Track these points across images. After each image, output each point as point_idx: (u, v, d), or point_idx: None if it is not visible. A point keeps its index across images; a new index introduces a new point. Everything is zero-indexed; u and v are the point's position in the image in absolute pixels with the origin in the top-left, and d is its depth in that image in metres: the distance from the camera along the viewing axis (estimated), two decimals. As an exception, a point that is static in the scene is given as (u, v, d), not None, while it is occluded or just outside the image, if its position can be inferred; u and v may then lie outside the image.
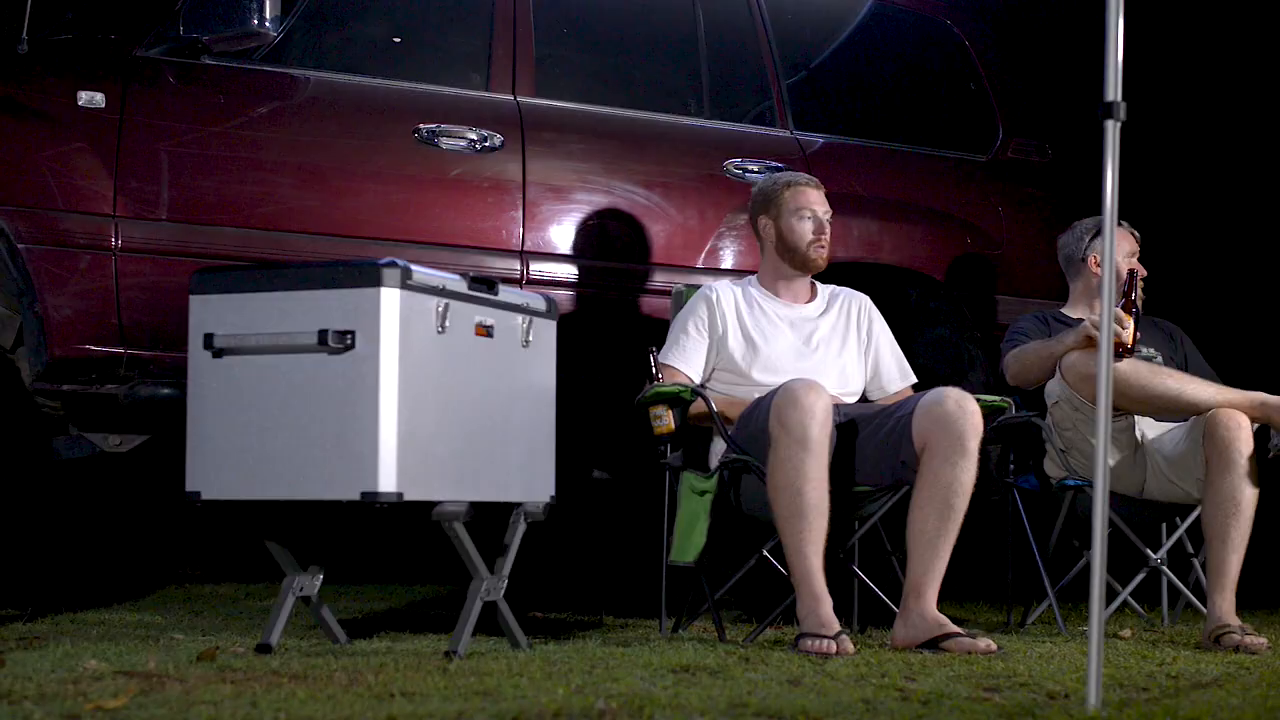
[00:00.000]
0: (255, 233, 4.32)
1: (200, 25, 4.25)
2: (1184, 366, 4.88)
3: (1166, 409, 4.51)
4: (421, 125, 4.56)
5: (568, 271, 4.72)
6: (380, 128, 4.56)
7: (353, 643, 3.86)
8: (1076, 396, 4.47)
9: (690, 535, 4.19)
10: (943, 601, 5.47)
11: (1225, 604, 4.30)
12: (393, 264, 3.36)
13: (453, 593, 5.48)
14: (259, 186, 4.38)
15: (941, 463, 3.99)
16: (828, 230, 4.50)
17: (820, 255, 4.51)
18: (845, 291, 4.61)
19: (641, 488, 4.79)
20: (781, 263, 4.52)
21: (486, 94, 4.73)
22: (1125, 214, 5.01)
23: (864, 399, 4.56)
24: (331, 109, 4.54)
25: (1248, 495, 4.32)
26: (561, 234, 4.71)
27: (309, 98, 4.52)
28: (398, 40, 4.88)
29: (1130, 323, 4.44)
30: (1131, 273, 4.63)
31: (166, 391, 4.19)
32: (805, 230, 4.48)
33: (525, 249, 4.64)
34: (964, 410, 4.00)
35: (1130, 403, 4.46)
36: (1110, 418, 2.95)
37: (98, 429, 4.43)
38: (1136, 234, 4.95)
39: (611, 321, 4.80)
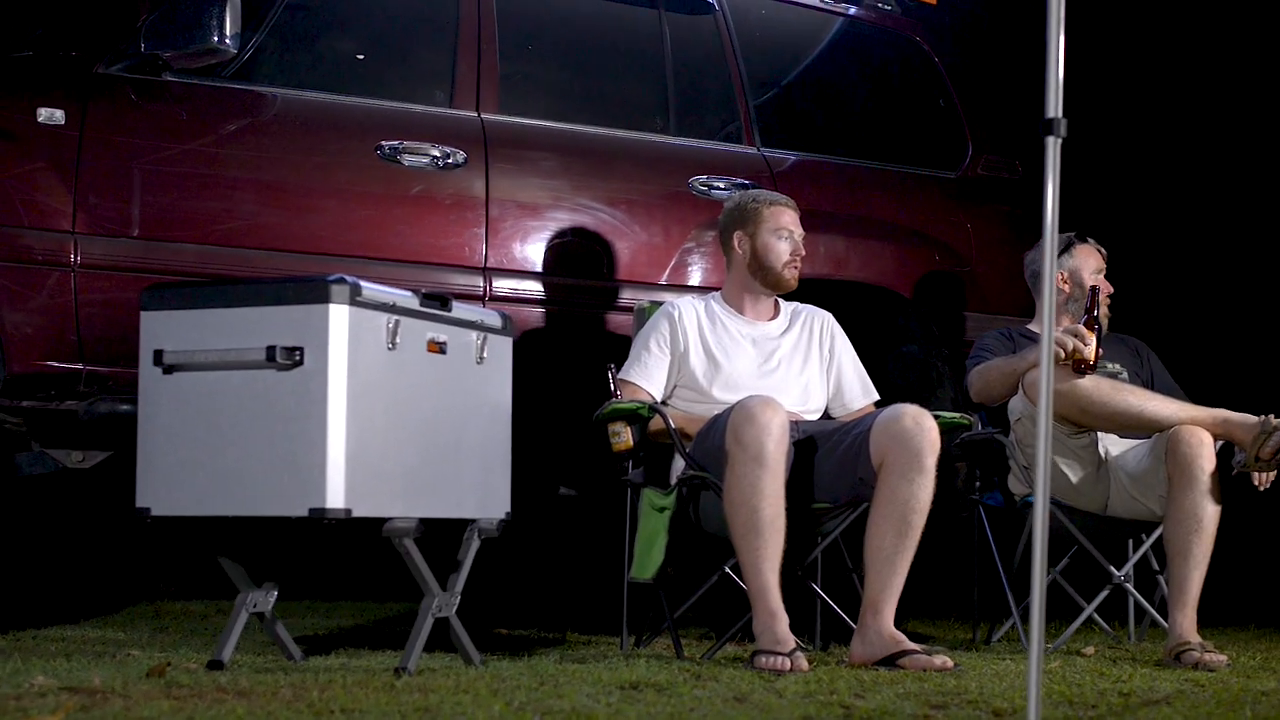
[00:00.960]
0: (215, 249, 4.32)
1: (161, 42, 4.25)
2: (1150, 383, 4.88)
3: (1129, 426, 4.51)
4: (384, 142, 4.56)
5: (531, 288, 4.72)
6: (342, 144, 4.55)
7: (308, 659, 3.85)
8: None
9: (650, 552, 4.18)
10: (913, 618, 5.51)
11: (1186, 621, 4.30)
12: (341, 280, 3.36)
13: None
14: (220, 203, 4.37)
15: (899, 480, 3.99)
16: (801, 252, 4.52)
17: (793, 276, 4.52)
18: (807, 309, 4.62)
19: (609, 504, 4.79)
20: (752, 280, 4.52)
21: (450, 110, 4.72)
22: (1094, 230, 5.05)
23: (827, 416, 4.56)
24: (293, 125, 4.54)
25: (1209, 512, 4.32)
26: (525, 251, 4.71)
27: (271, 114, 4.52)
28: (361, 57, 4.88)
29: (1092, 339, 4.44)
30: (1094, 289, 4.63)
31: (125, 408, 4.17)
32: (782, 250, 4.49)
33: (488, 265, 4.64)
34: (921, 427, 4.00)
35: (1092, 419, 4.46)
36: (1050, 429, 2.95)
37: (59, 445, 4.42)
38: (1103, 250, 4.95)
39: (575, 338, 4.79)
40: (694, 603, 4.40)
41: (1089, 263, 4.90)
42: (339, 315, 3.35)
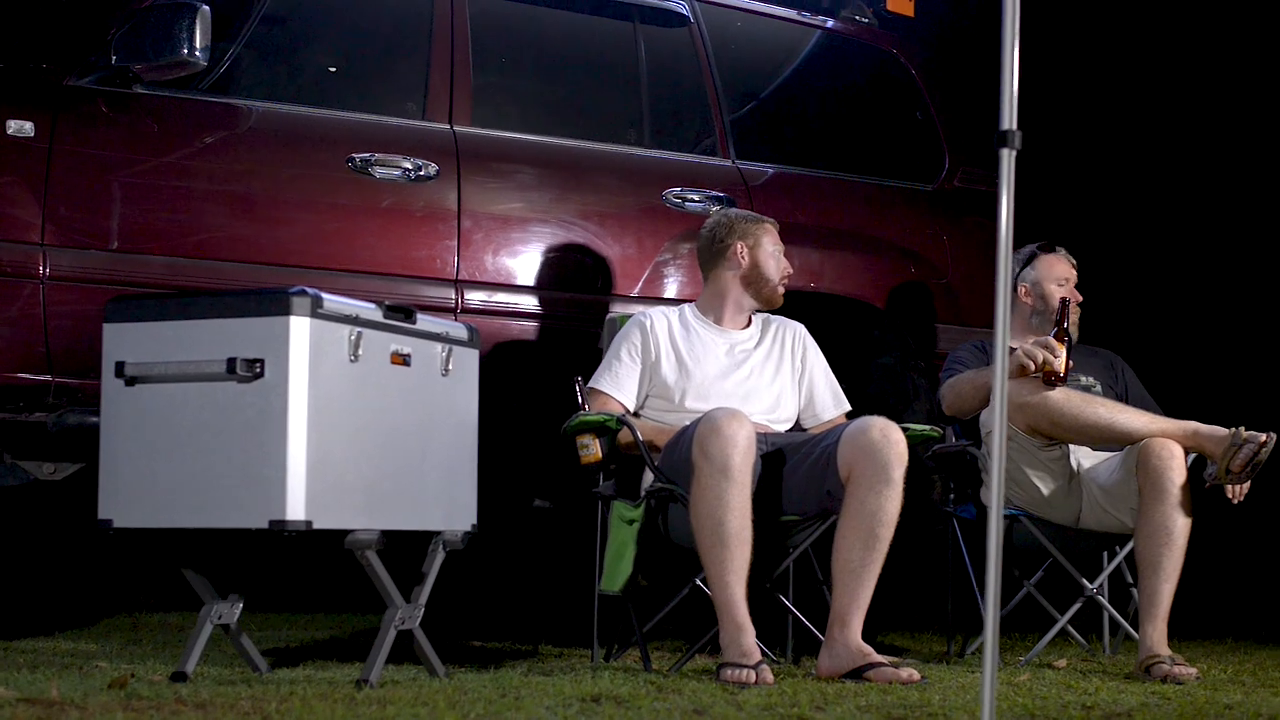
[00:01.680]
0: (185, 261, 4.32)
1: (131, 54, 4.26)
2: (1124, 395, 4.87)
3: (1099, 438, 4.50)
4: (355, 154, 4.56)
5: (503, 300, 4.72)
6: (314, 157, 4.56)
7: (274, 671, 3.84)
8: (1010, 426, 4.46)
9: (618, 564, 4.18)
10: (892, 631, 5.51)
11: (1156, 633, 4.29)
12: (302, 292, 3.36)
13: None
14: (190, 215, 4.38)
15: (866, 492, 3.98)
16: (790, 277, 4.60)
17: (781, 297, 4.58)
18: (779, 320, 4.62)
19: (584, 516, 4.78)
20: (743, 291, 4.55)
21: (422, 123, 4.73)
22: (1070, 240, 5.05)
23: (799, 427, 4.56)
24: (265, 138, 4.55)
25: (1180, 525, 4.31)
26: (497, 263, 4.72)
27: (242, 126, 4.52)
28: (332, 70, 4.89)
29: (1062, 351, 4.43)
30: (1064, 301, 4.63)
31: (94, 420, 4.14)
32: (779, 269, 4.56)
33: (460, 278, 4.64)
34: (889, 439, 4.00)
35: (1063, 432, 4.46)
36: (1005, 440, 2.95)
37: (30, 457, 4.42)
38: (1073, 260, 4.94)
39: (548, 350, 4.79)
40: (667, 615, 4.40)
41: (1052, 273, 4.89)
42: (300, 327, 3.35)
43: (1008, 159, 2.94)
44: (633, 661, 4.37)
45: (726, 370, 4.45)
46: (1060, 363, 4.43)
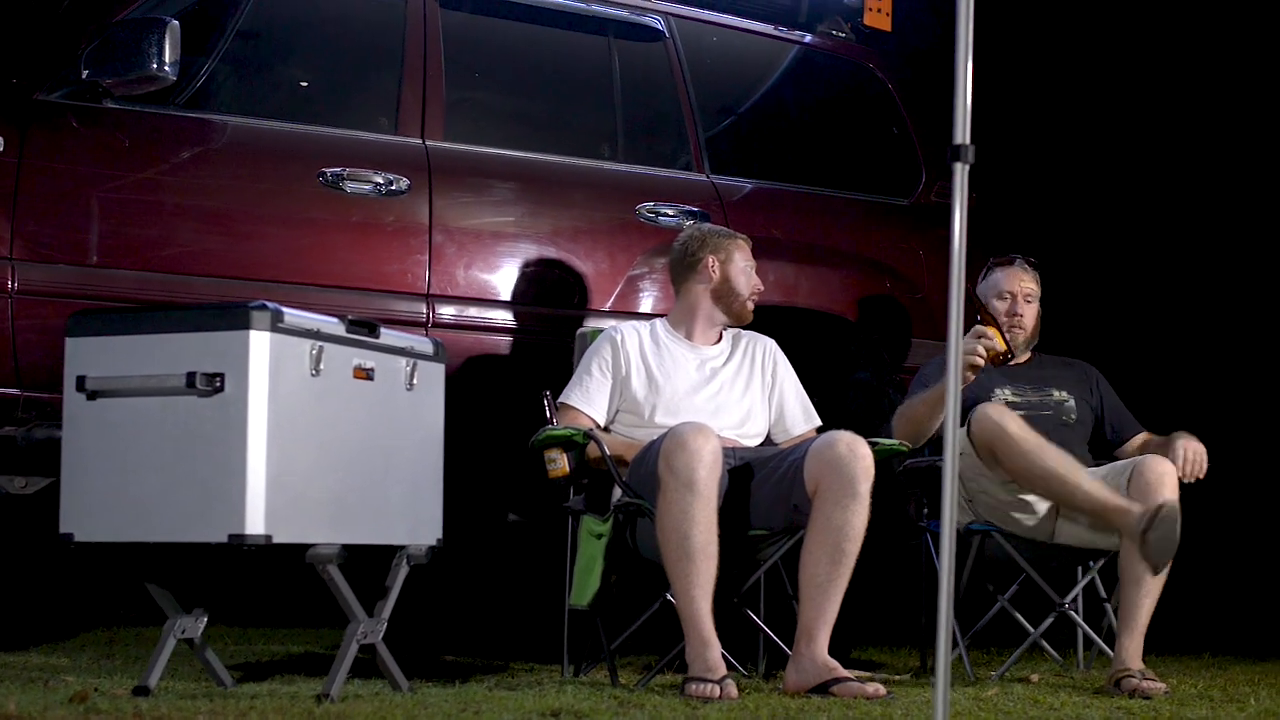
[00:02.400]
0: (155, 275, 4.32)
1: (101, 69, 4.26)
2: (1099, 408, 4.88)
3: (1047, 489, 4.47)
4: (326, 169, 4.57)
5: (475, 315, 4.72)
6: (284, 171, 4.56)
7: (240, 686, 3.84)
8: (982, 452, 4.45)
9: (587, 579, 4.18)
10: (870, 645, 5.51)
11: (1132, 647, 4.29)
12: (262, 307, 3.37)
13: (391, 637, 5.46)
14: (160, 229, 4.38)
15: (833, 506, 3.98)
16: (761, 293, 4.61)
17: (750, 313, 4.59)
18: (749, 335, 4.63)
19: (557, 530, 4.78)
20: (714, 306, 4.56)
21: (394, 137, 4.74)
22: (1040, 251, 5.06)
23: (769, 441, 4.56)
24: (235, 152, 4.55)
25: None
26: (469, 277, 4.71)
27: (213, 141, 4.52)
28: (305, 84, 4.90)
29: (992, 331, 4.47)
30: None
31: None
32: (749, 285, 4.56)
33: (431, 292, 4.64)
34: (855, 454, 4.00)
35: (1018, 473, 4.44)
36: (957, 455, 2.96)
37: (1, 471, 4.42)
38: (1030, 273, 4.94)
39: (520, 364, 4.79)
40: (642, 630, 4.39)
41: (996, 287, 4.92)
42: (260, 341, 3.35)
43: (960, 173, 2.95)
44: (602, 676, 4.36)
45: (696, 385, 4.45)
46: (996, 341, 4.48)
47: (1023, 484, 4.46)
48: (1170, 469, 4.42)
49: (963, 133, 2.94)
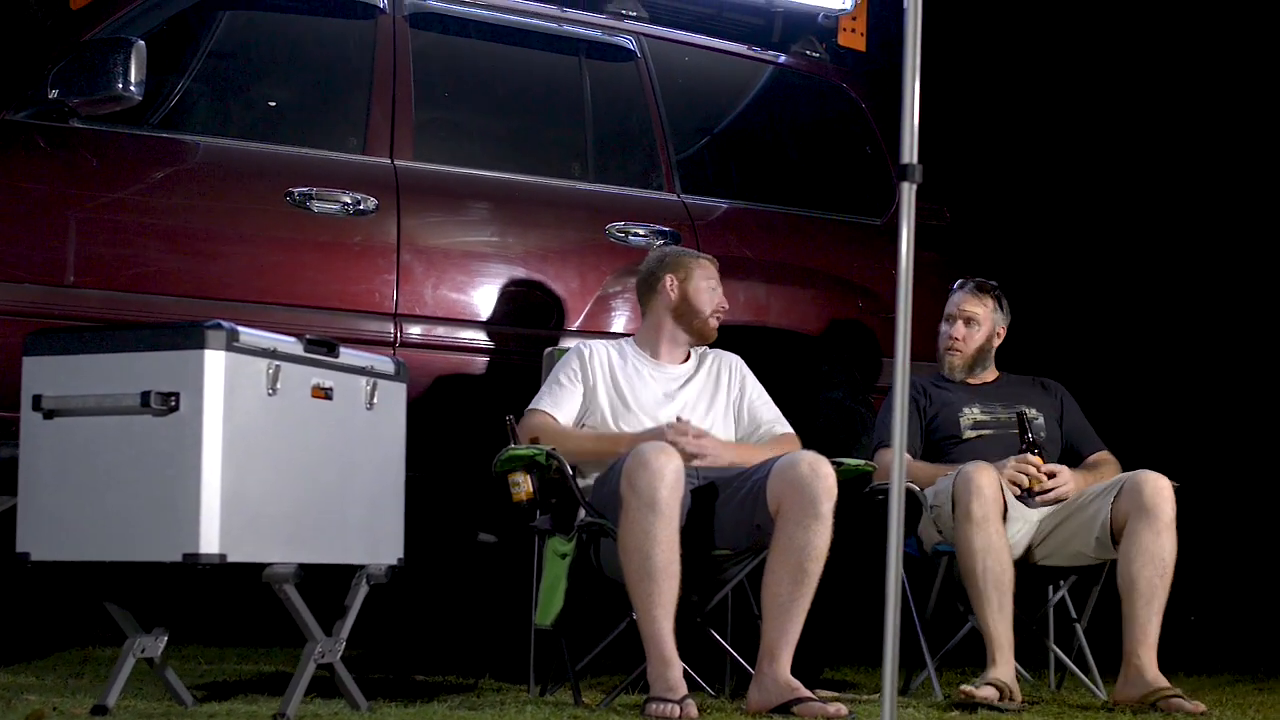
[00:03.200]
0: (121, 295, 4.32)
1: (68, 89, 4.27)
2: (1060, 422, 4.90)
3: (974, 601, 4.47)
4: (293, 189, 4.57)
5: (443, 334, 4.72)
6: (251, 191, 4.57)
7: (200, 705, 3.84)
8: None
9: (551, 599, 4.17)
10: (843, 665, 5.49)
11: (1151, 664, 4.29)
12: (217, 326, 3.37)
13: (355, 658, 5.45)
14: (127, 249, 4.38)
15: (795, 526, 3.98)
16: (726, 306, 4.61)
17: (714, 330, 4.60)
18: (715, 352, 4.64)
19: (528, 550, 4.78)
20: (675, 326, 4.58)
21: (362, 157, 4.74)
22: (1006, 271, 5.08)
23: None
24: (202, 172, 4.56)
25: (1171, 555, 4.36)
26: (437, 297, 4.72)
27: (180, 161, 4.53)
28: (273, 104, 4.91)
29: (1038, 461, 4.64)
30: (1021, 413, 4.71)
31: (26, 453, 4.17)
32: (710, 301, 4.57)
33: (399, 311, 4.65)
34: (817, 474, 4.00)
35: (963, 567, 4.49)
36: (904, 470, 2.97)
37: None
38: (980, 294, 4.96)
39: (488, 383, 4.79)
40: (610, 650, 4.38)
41: (946, 310, 5.01)
42: (215, 361, 3.35)
43: (908, 192, 2.95)
44: (566, 697, 4.35)
45: (660, 403, 4.45)
46: (1037, 475, 4.63)
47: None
48: (1166, 484, 4.42)
49: (910, 152, 2.95)
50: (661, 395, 4.48)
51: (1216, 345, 7.95)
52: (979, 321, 4.94)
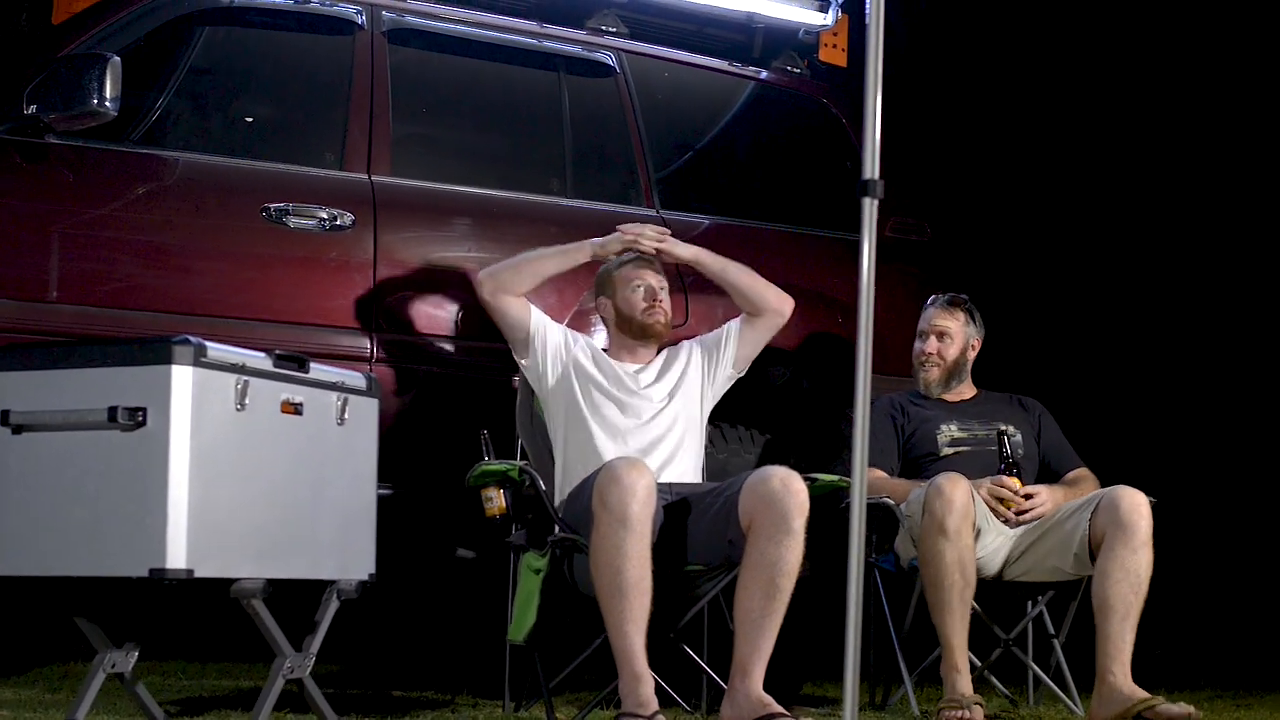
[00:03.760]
0: (96, 310, 4.32)
1: (44, 105, 4.27)
2: (1038, 440, 4.90)
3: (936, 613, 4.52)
4: (269, 204, 4.58)
5: (419, 349, 4.72)
6: (227, 207, 4.57)
7: (170, 720, 3.84)
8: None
9: (525, 614, 4.17)
10: (825, 680, 5.49)
11: (1126, 679, 4.30)
12: (185, 341, 3.37)
13: (335, 673, 5.46)
14: (102, 264, 4.38)
15: (766, 542, 3.98)
16: (660, 297, 4.62)
17: (656, 320, 4.63)
18: (673, 348, 4.74)
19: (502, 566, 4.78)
20: (625, 336, 4.64)
21: (339, 173, 4.74)
22: (984, 289, 5.09)
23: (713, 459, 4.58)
24: (179, 188, 4.55)
25: (1147, 570, 4.37)
26: (413, 312, 4.71)
27: (156, 176, 4.53)
28: (251, 120, 4.91)
29: (1016, 484, 4.66)
30: (1001, 432, 4.71)
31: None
32: (638, 300, 4.60)
33: (375, 327, 4.65)
34: (789, 489, 4.00)
35: (926, 578, 4.52)
36: (865, 482, 2.97)
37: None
38: (952, 309, 4.97)
39: (465, 398, 4.79)
40: (588, 665, 4.38)
41: (919, 326, 5.03)
42: (182, 376, 3.35)
43: (869, 208, 2.96)
44: (540, 712, 4.35)
45: (622, 379, 4.55)
46: (1015, 496, 4.64)
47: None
48: (1143, 500, 4.43)
49: (871, 168, 2.95)
50: (622, 375, 4.58)
51: (1196, 361, 7.97)
52: (952, 335, 4.96)
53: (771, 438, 5.17)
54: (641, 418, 4.48)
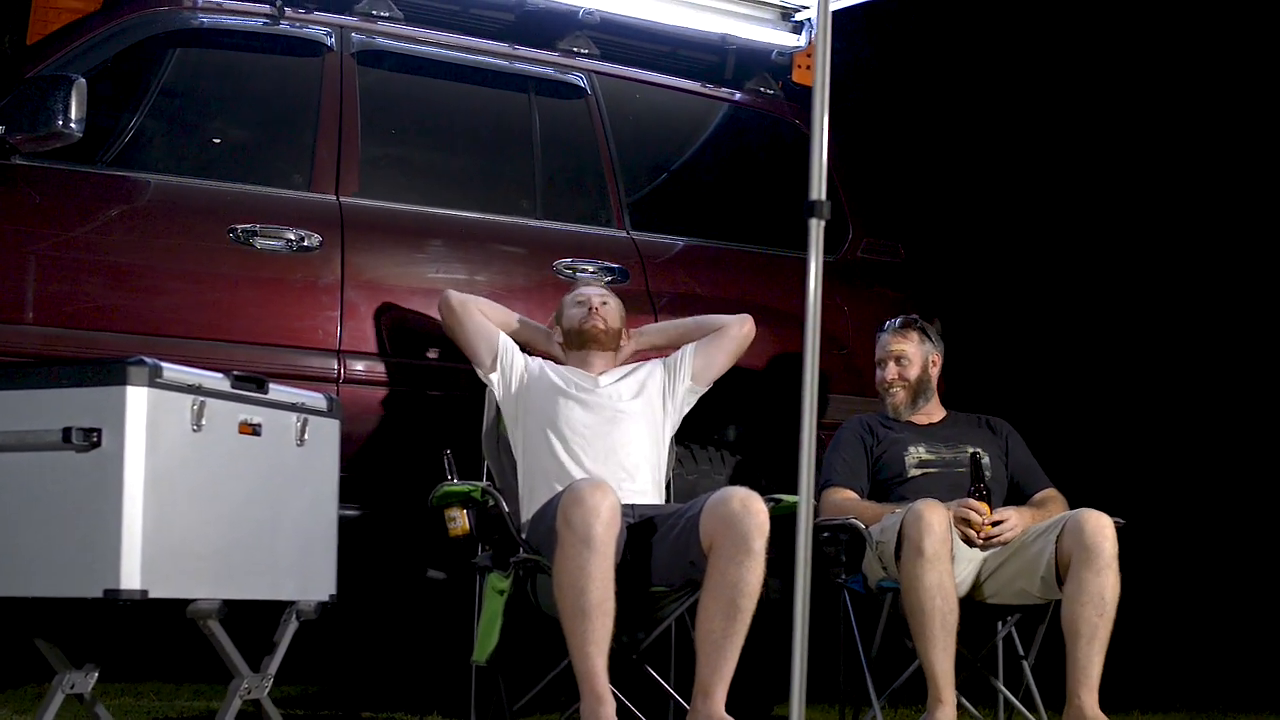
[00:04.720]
0: (60, 331, 4.32)
1: (9, 126, 4.28)
2: (1005, 462, 4.90)
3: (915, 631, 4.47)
4: (237, 225, 4.58)
5: (387, 370, 4.72)
6: (194, 228, 4.57)
7: (132, 742, 3.84)
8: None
9: (488, 635, 4.17)
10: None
11: (1093, 702, 4.28)
12: (140, 362, 3.38)
13: (308, 694, 5.45)
14: (68, 285, 4.38)
15: (727, 563, 3.98)
16: (596, 305, 4.67)
17: (594, 325, 4.67)
18: (635, 365, 4.75)
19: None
20: (574, 350, 4.70)
21: (307, 194, 4.75)
22: (955, 307, 5.09)
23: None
24: (145, 209, 4.57)
25: (1113, 593, 4.35)
26: (381, 333, 4.72)
27: (122, 197, 4.54)
28: (216, 141, 4.92)
29: (983, 508, 4.58)
30: (974, 455, 4.70)
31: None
32: (579, 312, 4.67)
33: (343, 348, 4.65)
34: (749, 510, 4.00)
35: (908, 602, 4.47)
36: (811, 505, 2.96)
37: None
38: (907, 331, 4.98)
39: (433, 419, 4.79)
40: (553, 686, 4.37)
41: (876, 353, 5.01)
42: (137, 397, 3.36)
43: (816, 229, 2.96)
44: (506, 733, 4.35)
45: (596, 399, 4.57)
46: (982, 520, 4.58)
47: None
48: (1108, 522, 4.42)
49: (818, 189, 2.96)
50: (582, 379, 4.63)
51: (1167, 381, 7.98)
52: (910, 358, 4.96)
53: (742, 459, 5.17)
54: (603, 414, 4.47)
